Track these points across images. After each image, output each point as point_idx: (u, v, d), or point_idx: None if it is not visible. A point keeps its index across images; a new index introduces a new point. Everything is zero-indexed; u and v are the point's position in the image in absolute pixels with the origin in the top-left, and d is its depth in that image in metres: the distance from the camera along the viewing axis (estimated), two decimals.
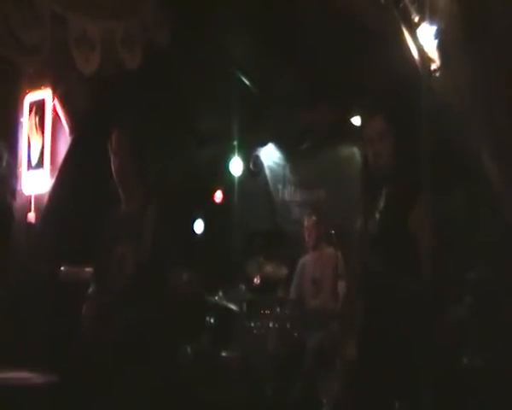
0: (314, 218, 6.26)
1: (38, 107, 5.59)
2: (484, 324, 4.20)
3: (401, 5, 3.85)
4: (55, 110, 5.54)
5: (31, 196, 5.57)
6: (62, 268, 3.88)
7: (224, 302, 5.92)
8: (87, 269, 4.12)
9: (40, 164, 5.56)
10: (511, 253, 3.80)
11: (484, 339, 4.17)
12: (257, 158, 8.25)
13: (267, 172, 8.24)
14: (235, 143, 7.80)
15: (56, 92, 5.53)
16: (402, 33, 3.89)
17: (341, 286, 5.40)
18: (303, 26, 5.82)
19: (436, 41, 3.64)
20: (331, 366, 3.53)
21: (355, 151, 7.13)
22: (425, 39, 3.69)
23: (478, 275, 4.45)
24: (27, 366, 3.83)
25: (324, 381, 4.84)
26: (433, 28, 3.67)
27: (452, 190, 5.18)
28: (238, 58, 6.70)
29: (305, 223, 6.31)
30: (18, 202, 5.61)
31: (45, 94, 5.56)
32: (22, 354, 4.52)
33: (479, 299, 4.36)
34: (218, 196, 8.25)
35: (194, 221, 8.02)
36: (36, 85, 5.60)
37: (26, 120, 5.64)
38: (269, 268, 6.12)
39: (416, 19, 3.79)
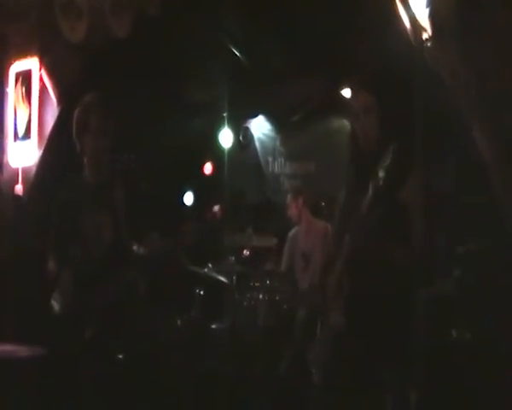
0: (291, 194, 6.27)
1: (25, 77, 5.50)
2: (473, 297, 4.22)
3: None
4: (42, 80, 5.46)
5: (18, 169, 5.51)
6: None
7: (214, 274, 5.90)
8: None
9: (27, 135, 5.49)
10: (501, 227, 3.79)
11: (473, 313, 4.18)
12: (247, 130, 8.22)
13: (257, 144, 8.21)
14: (225, 114, 7.75)
15: (43, 62, 5.43)
16: (394, 3, 3.84)
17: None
18: None
19: (428, 10, 3.60)
20: (320, 337, 3.54)
21: (345, 123, 7.08)
22: (417, 8, 3.65)
23: (467, 249, 4.46)
24: (13, 340, 3.82)
25: (313, 352, 4.86)
26: None
27: (442, 163, 5.17)
28: (229, 29, 6.63)
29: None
30: (5, 175, 5.55)
31: (32, 64, 5.47)
32: (8, 327, 4.51)
33: (468, 273, 4.37)
34: (208, 168, 8.22)
35: (183, 193, 8.00)
36: (22, 55, 5.51)
37: (13, 91, 5.56)
38: (258, 240, 6.11)
39: None
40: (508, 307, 3.82)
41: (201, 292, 5.87)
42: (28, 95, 5.48)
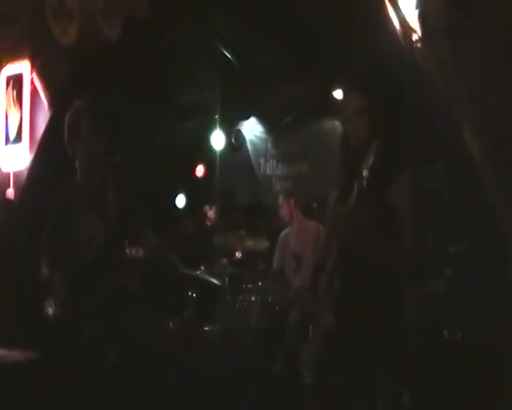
0: (283, 195, 6.29)
1: (16, 80, 5.49)
2: (464, 296, 4.23)
3: None
4: (33, 83, 5.45)
5: (9, 172, 5.50)
6: None
7: (206, 276, 5.90)
8: None
9: (18, 139, 5.48)
10: (491, 226, 3.81)
11: (463, 312, 4.20)
12: (239, 132, 8.22)
13: (249, 146, 8.22)
14: (217, 116, 7.75)
15: (34, 65, 5.43)
16: (384, 4, 3.86)
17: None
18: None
19: (417, 11, 3.61)
20: (312, 338, 3.54)
21: (337, 125, 7.10)
22: (406, 9, 3.66)
23: (458, 248, 4.48)
24: (6, 343, 3.80)
25: (305, 353, 4.87)
26: None
27: (433, 163, 5.19)
28: (220, 31, 6.63)
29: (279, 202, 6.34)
30: None
31: (23, 67, 5.46)
32: (0, 330, 4.49)
33: (459, 272, 4.38)
34: (200, 170, 8.22)
35: (175, 195, 8.00)
36: (13, 58, 5.50)
37: (4, 94, 5.55)
38: (250, 242, 6.11)
39: None
40: (500, 306, 3.84)
41: (194, 294, 5.87)
42: (19, 98, 5.47)
